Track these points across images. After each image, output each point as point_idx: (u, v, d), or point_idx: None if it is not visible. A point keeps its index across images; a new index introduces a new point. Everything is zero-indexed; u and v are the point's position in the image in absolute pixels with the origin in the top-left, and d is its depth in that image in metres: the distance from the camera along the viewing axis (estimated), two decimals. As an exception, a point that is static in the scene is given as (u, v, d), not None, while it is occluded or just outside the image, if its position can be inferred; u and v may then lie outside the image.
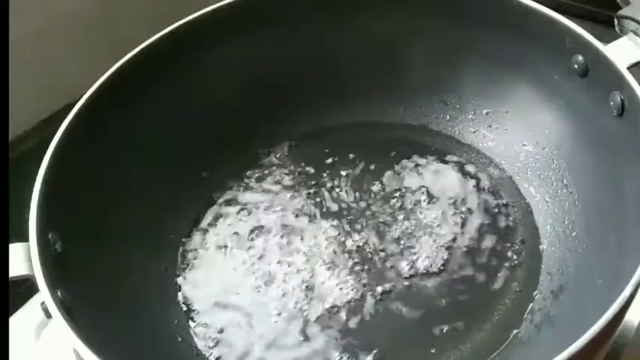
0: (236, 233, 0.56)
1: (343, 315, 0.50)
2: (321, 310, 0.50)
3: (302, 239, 0.54)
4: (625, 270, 0.39)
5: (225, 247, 0.55)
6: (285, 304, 0.51)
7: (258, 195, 0.58)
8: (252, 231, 0.55)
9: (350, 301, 0.50)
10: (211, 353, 0.49)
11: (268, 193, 0.58)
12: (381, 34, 0.59)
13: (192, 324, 0.51)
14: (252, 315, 0.51)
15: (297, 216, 0.56)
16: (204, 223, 0.57)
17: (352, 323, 0.49)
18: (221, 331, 0.50)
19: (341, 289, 0.51)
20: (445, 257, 0.52)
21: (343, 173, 0.58)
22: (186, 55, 0.56)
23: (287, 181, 0.59)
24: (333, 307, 0.50)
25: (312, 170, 0.59)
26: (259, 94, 0.60)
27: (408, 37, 0.58)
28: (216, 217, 0.57)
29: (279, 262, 0.53)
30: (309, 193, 0.57)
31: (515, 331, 0.48)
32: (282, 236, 0.55)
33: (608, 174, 0.49)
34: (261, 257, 0.54)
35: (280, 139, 0.61)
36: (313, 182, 0.58)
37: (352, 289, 0.51)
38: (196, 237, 0.56)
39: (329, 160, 0.59)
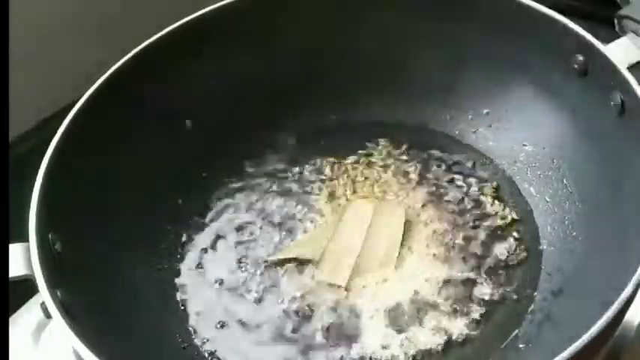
0: (237, 233, 0.56)
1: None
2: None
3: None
4: (625, 270, 0.39)
5: (226, 247, 0.55)
6: (284, 304, 0.51)
7: (259, 195, 0.58)
8: (253, 231, 0.55)
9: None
10: (211, 353, 0.49)
11: (269, 193, 0.58)
12: (380, 34, 0.59)
13: (192, 324, 0.51)
14: (253, 314, 0.51)
15: (297, 217, 0.56)
16: (204, 223, 0.56)
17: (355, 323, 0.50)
18: (221, 331, 0.50)
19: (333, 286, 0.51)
20: (445, 257, 0.52)
21: (344, 173, 0.58)
22: (187, 55, 0.56)
23: (287, 181, 0.58)
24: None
25: (312, 170, 0.59)
26: (259, 94, 0.60)
27: (408, 37, 0.58)
28: (217, 217, 0.57)
29: (279, 263, 0.53)
30: (310, 193, 0.57)
31: (516, 331, 0.48)
32: (282, 236, 0.55)
33: (608, 174, 0.49)
34: (261, 257, 0.54)
35: (280, 139, 0.61)
36: (314, 183, 0.58)
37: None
38: (196, 237, 0.56)
39: (329, 161, 0.59)
